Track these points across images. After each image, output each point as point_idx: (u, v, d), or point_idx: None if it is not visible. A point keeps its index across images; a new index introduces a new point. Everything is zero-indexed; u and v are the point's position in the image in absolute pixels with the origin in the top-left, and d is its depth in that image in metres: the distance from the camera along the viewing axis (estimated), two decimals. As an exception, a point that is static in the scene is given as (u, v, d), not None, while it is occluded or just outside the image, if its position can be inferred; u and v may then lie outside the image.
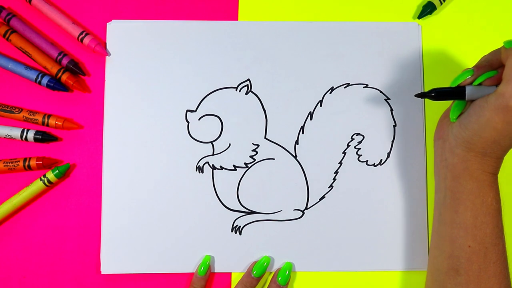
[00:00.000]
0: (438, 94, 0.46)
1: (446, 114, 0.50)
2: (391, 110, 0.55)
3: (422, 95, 0.46)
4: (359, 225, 0.54)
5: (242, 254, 0.53)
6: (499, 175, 0.56)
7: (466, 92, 0.45)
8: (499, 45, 0.57)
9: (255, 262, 0.53)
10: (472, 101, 0.46)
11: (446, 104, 0.56)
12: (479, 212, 0.45)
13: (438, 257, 0.47)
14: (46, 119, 0.53)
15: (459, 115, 0.47)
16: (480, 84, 0.45)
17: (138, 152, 0.54)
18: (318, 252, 0.54)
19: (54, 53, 0.54)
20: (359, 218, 0.54)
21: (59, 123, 0.53)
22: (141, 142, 0.54)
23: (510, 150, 0.46)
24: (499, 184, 0.56)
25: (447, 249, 0.46)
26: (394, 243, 0.54)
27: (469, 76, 0.45)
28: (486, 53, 0.57)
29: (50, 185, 0.52)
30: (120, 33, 0.56)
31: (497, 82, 0.44)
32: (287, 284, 0.52)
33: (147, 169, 0.54)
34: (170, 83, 0.55)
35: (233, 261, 0.53)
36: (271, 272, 0.54)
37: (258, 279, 0.52)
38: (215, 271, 0.53)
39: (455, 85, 0.46)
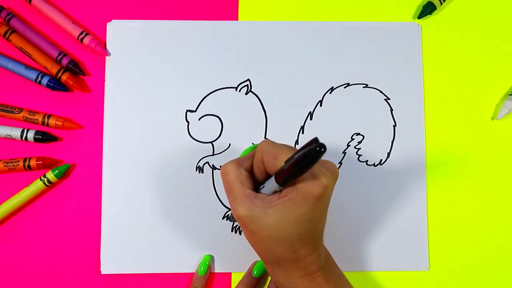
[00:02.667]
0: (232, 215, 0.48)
1: None
2: (391, 110, 0.55)
3: (231, 219, 0.53)
4: (359, 225, 0.54)
5: (242, 254, 0.53)
6: (499, 174, 0.56)
7: None
8: (499, 45, 0.57)
9: (255, 262, 0.53)
10: None
11: (446, 105, 0.56)
12: None
13: None
14: (46, 119, 0.53)
15: None
16: None
17: (138, 152, 0.54)
18: (318, 252, 0.54)
19: (54, 53, 0.54)
20: (359, 218, 0.54)
21: (59, 123, 0.53)
22: (141, 142, 0.54)
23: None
24: (498, 184, 0.56)
25: None
26: (394, 243, 0.54)
27: None
28: (485, 52, 0.57)
29: (50, 185, 0.52)
30: (120, 33, 0.56)
31: None
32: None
33: (147, 169, 0.54)
34: (170, 83, 0.55)
35: (233, 261, 0.53)
36: None
37: (259, 279, 0.52)
38: (215, 271, 0.53)
39: None
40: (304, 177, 0.37)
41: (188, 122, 0.54)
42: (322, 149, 0.33)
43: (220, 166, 0.52)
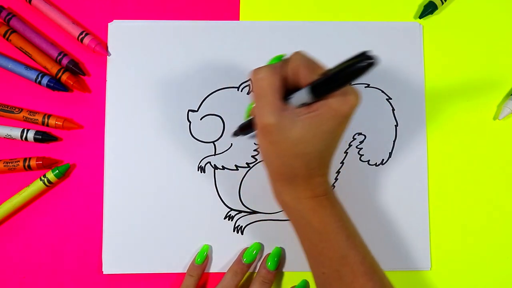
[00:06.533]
0: (240, 128, 0.49)
1: None
2: (393, 109, 0.55)
3: (235, 133, 0.51)
4: (360, 224, 0.53)
5: (244, 254, 0.53)
6: (501, 174, 0.56)
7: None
8: (501, 44, 0.57)
9: (245, 249, 0.53)
10: None
11: (448, 105, 0.56)
12: (315, 240, 0.43)
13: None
14: (46, 119, 0.53)
15: None
16: None
17: (139, 152, 0.54)
18: (320, 252, 0.54)
19: (54, 53, 0.54)
20: (360, 218, 0.54)
21: (59, 123, 0.53)
22: (142, 142, 0.54)
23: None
24: (500, 184, 0.56)
25: (313, 278, 0.45)
26: (395, 243, 0.54)
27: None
28: (487, 52, 0.57)
29: (50, 185, 0.52)
30: (122, 33, 0.55)
31: None
32: (277, 269, 0.52)
33: (149, 169, 0.54)
34: (171, 83, 0.55)
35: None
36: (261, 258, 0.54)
37: (249, 265, 0.52)
38: (216, 271, 0.53)
39: (247, 117, 0.47)
40: (335, 94, 0.37)
41: (190, 122, 0.54)
42: (372, 61, 0.32)
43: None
